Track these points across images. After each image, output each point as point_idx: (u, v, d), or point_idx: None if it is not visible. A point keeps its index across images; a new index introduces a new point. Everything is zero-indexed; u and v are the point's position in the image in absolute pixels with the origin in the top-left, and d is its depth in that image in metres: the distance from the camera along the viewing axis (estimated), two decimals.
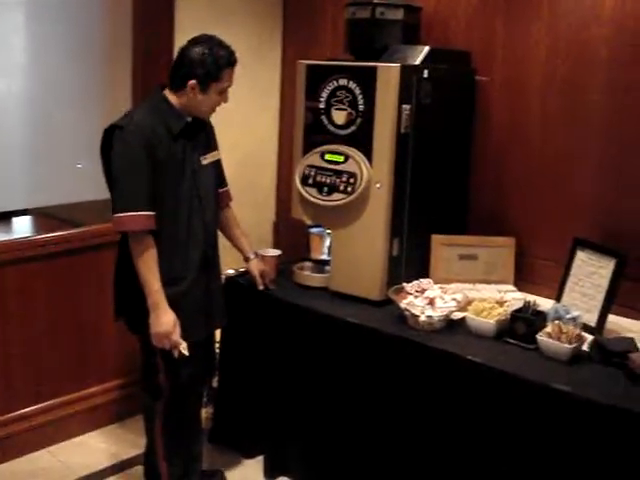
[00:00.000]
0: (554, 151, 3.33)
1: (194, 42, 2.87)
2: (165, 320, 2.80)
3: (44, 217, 4.31)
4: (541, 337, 2.74)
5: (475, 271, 3.38)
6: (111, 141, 2.81)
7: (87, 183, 3.92)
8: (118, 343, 3.77)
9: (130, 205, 2.75)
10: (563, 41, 3.24)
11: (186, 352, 2.85)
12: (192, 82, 2.82)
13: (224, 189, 3.23)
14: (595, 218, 3.22)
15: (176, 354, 2.84)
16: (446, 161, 3.43)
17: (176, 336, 2.82)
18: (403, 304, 2.99)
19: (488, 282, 3.35)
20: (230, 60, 2.89)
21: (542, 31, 3.30)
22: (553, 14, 3.26)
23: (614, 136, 3.15)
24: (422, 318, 2.92)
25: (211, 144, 3.07)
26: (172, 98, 2.88)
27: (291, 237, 4.14)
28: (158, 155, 2.78)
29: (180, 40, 3.78)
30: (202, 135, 2.99)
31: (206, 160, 2.99)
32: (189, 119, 2.90)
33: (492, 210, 3.54)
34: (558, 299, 3.09)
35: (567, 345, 2.68)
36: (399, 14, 3.37)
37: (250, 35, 4.19)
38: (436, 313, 2.94)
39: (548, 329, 2.76)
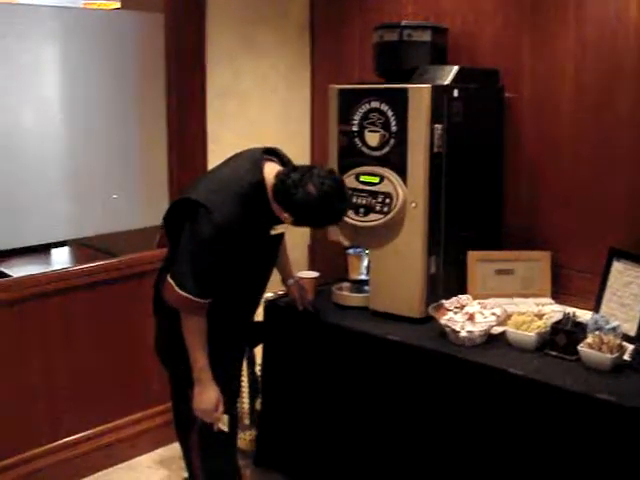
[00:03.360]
0: (586, 163, 3.35)
1: (317, 179, 2.59)
2: (207, 397, 2.77)
3: (82, 248, 4.40)
4: (582, 348, 2.76)
5: (512, 285, 3.41)
6: (186, 211, 2.67)
7: (122, 214, 4.01)
8: (160, 368, 3.83)
9: (194, 291, 2.65)
10: (590, 55, 3.28)
11: (225, 428, 2.86)
12: (286, 215, 2.66)
13: None
14: (630, 228, 3.23)
15: (215, 429, 2.84)
16: (479, 178, 3.46)
17: (217, 413, 2.81)
18: (443, 320, 3.03)
19: (525, 296, 3.37)
20: (338, 221, 2.78)
21: (569, 46, 3.34)
22: (579, 29, 3.29)
23: None
24: (463, 333, 2.95)
25: None
26: (270, 183, 2.65)
27: (326, 259, 4.19)
28: (235, 244, 2.66)
29: (212, 70, 3.89)
30: None
31: (275, 231, 2.83)
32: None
33: (527, 224, 3.56)
34: (596, 310, 3.10)
35: (609, 355, 2.70)
36: (426, 36, 3.43)
37: (279, 62, 4.26)
38: (476, 328, 2.97)
39: (589, 340, 2.78)
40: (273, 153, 2.82)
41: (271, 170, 2.69)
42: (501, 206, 3.60)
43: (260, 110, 4.17)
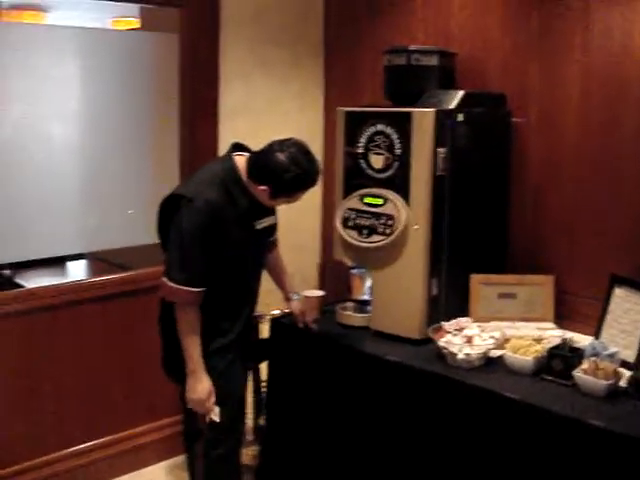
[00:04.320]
0: (590, 189, 3.37)
1: (284, 146, 2.82)
2: (200, 388, 2.88)
3: (97, 261, 4.48)
4: (577, 373, 2.77)
5: (514, 309, 3.41)
6: (171, 207, 2.83)
7: (137, 228, 4.08)
8: (167, 382, 3.88)
9: (183, 280, 2.78)
10: (596, 82, 3.30)
11: (217, 419, 2.94)
12: (263, 188, 2.82)
13: (273, 238, 3.23)
14: (633, 255, 3.24)
15: (207, 420, 2.94)
16: (484, 201, 3.48)
17: (209, 404, 2.91)
18: (441, 342, 3.05)
19: (528, 320, 3.37)
20: (312, 183, 2.90)
21: (575, 72, 3.37)
22: (586, 55, 3.32)
23: None
24: (460, 356, 2.98)
25: (268, 209, 3.03)
26: (243, 170, 2.87)
27: (337, 278, 4.21)
28: (219, 231, 2.80)
29: (225, 89, 3.95)
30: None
31: (261, 225, 2.99)
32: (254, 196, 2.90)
33: (530, 248, 3.57)
34: (597, 336, 3.11)
35: (603, 381, 2.70)
36: (434, 60, 3.48)
37: (292, 83, 4.32)
38: (474, 351, 2.99)
39: (584, 365, 2.79)
40: (241, 149, 3.01)
41: (241, 159, 2.91)
42: (505, 229, 3.61)
43: (272, 130, 4.14)
